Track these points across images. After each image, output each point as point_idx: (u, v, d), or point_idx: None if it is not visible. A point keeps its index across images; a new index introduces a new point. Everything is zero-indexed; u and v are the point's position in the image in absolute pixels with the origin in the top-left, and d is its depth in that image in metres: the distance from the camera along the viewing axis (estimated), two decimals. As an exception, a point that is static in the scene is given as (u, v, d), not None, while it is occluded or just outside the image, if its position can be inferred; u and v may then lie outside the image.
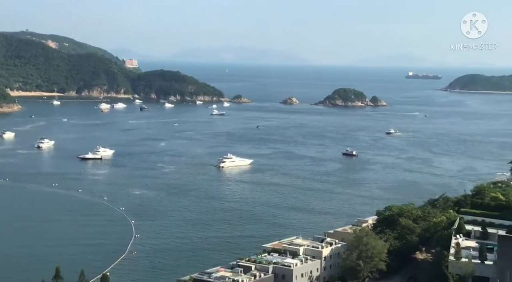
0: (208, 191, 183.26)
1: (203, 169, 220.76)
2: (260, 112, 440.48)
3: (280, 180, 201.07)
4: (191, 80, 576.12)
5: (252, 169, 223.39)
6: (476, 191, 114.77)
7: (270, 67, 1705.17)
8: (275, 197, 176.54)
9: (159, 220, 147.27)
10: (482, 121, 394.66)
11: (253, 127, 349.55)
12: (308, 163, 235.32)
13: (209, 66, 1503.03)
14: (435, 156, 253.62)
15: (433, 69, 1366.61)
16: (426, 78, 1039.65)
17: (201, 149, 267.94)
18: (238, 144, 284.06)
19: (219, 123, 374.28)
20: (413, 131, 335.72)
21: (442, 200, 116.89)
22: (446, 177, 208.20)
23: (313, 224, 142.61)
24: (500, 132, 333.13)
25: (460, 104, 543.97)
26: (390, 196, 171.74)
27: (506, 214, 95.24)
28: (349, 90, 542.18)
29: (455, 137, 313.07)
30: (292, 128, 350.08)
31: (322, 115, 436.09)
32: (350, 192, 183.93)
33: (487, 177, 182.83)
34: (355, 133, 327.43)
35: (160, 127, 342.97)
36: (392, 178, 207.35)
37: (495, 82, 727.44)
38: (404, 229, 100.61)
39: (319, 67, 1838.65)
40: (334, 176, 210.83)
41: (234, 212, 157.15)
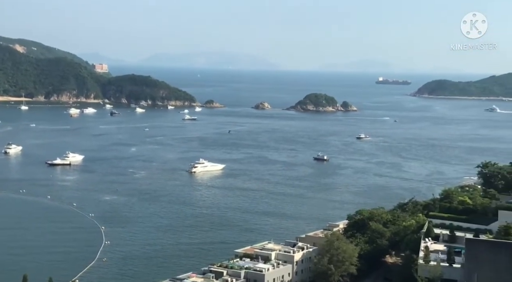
0: (179, 196, 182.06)
1: (175, 174, 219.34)
2: (232, 117, 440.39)
3: (252, 185, 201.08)
4: (163, 85, 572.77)
5: (224, 174, 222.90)
6: (444, 195, 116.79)
7: (241, 72, 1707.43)
8: (247, 202, 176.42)
9: (130, 226, 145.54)
10: (449, 126, 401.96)
11: (225, 132, 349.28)
12: (280, 168, 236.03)
13: (181, 71, 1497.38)
14: (404, 161, 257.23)
15: (403, 74, 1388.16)
16: (396, 84, 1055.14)
17: (172, 154, 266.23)
18: (210, 148, 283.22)
19: (191, 128, 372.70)
20: (383, 136, 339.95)
21: (412, 204, 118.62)
22: (415, 181, 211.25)
23: (285, 229, 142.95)
24: (467, 137, 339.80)
25: (428, 109, 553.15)
26: (360, 200, 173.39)
27: (473, 218, 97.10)
28: (320, 96, 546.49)
29: (424, 142, 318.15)
30: (264, 133, 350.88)
31: (293, 120, 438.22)
32: (321, 197, 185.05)
33: (455, 181, 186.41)
34: (326, 138, 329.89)
35: (131, 133, 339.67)
36: (363, 182, 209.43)
37: (462, 88, 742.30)
38: (374, 233, 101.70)
39: (290, 72, 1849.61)
40: (305, 180, 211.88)
41: (206, 217, 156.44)
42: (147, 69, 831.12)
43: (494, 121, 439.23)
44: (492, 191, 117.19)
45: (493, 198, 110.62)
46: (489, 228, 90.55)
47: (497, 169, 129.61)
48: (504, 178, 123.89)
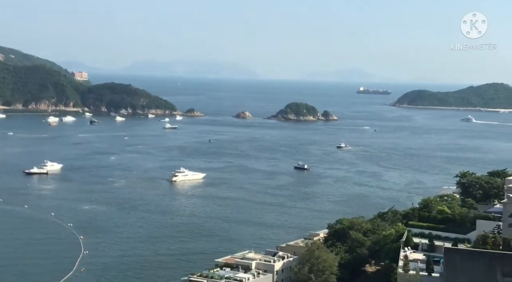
0: (159, 205, 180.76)
1: (155, 183, 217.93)
2: (213, 126, 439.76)
3: (232, 194, 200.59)
4: (143, 93, 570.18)
5: (205, 183, 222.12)
6: (423, 204, 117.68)
7: (222, 81, 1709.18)
8: (228, 211, 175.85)
9: (109, 236, 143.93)
10: (428, 136, 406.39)
11: (206, 141, 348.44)
12: (261, 177, 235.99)
13: (162, 79, 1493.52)
14: (384, 170, 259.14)
15: (384, 84, 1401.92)
16: (377, 94, 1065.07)
17: (152, 163, 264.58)
18: (191, 157, 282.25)
19: (172, 137, 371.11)
20: (363, 146, 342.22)
21: (391, 213, 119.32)
22: (394, 190, 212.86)
23: (266, 238, 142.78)
24: (445, 147, 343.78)
25: (408, 119, 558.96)
26: (341, 209, 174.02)
27: (451, 227, 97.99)
28: (301, 105, 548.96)
29: (403, 152, 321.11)
30: (245, 142, 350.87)
31: (275, 129, 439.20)
32: (302, 206, 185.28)
33: (434, 190, 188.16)
34: (307, 147, 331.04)
35: (110, 141, 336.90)
36: (343, 192, 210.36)
37: (440, 98, 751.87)
38: (355, 242, 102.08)
39: (272, 81, 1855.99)
40: (286, 189, 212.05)
41: (186, 227, 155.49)
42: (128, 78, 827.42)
43: (472, 131, 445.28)
44: (470, 200, 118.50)
45: (471, 207, 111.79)
46: (467, 237, 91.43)
47: (475, 179, 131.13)
48: (482, 188, 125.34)
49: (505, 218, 77.92)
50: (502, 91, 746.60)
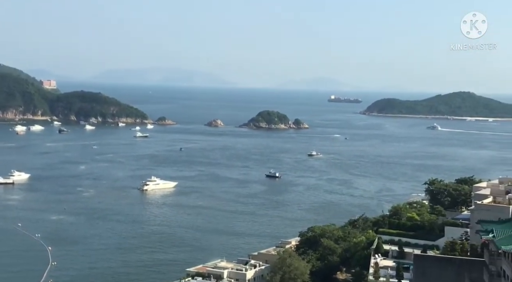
0: (130, 215, 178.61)
1: (126, 192, 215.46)
2: (185, 135, 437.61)
3: (204, 203, 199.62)
4: (113, 101, 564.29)
5: (176, 191, 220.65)
6: (393, 211, 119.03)
7: (194, 89, 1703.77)
8: (199, 219, 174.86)
9: (78, 246, 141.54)
10: (398, 144, 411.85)
11: (178, 149, 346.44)
12: (232, 185, 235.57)
13: (133, 87, 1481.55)
14: (354, 177, 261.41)
15: (354, 93, 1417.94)
16: (348, 102, 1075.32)
17: (123, 171, 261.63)
18: (162, 166, 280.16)
19: (143, 145, 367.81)
20: (334, 154, 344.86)
21: (362, 221, 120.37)
22: (365, 197, 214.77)
23: (237, 247, 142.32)
24: (414, 155, 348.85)
25: (377, 127, 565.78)
26: (312, 217, 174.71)
27: (421, 234, 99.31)
28: (273, 113, 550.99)
29: (373, 159, 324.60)
30: (217, 150, 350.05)
31: (246, 137, 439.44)
32: (273, 214, 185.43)
33: (403, 197, 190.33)
34: (278, 155, 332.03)
35: (79, 150, 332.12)
36: (314, 199, 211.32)
37: (409, 107, 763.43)
38: (326, 250, 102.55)
39: (244, 90, 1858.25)
40: (257, 197, 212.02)
41: (157, 236, 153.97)
42: (98, 86, 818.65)
43: (439, 139, 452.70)
44: (438, 207, 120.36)
45: (439, 214, 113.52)
46: (436, 243, 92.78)
47: (443, 186, 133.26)
48: (450, 195, 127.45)
49: (473, 224, 79.15)
50: (468, 100, 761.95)
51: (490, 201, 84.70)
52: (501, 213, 76.43)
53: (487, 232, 62.80)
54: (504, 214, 76.09)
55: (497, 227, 63.28)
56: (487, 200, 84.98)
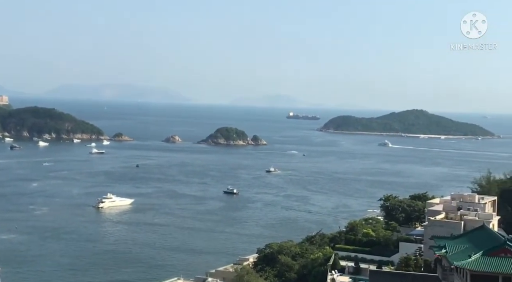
0: (84, 233, 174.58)
1: (80, 210, 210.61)
2: (142, 151, 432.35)
3: (161, 220, 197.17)
4: (68, 117, 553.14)
5: (132, 208, 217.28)
6: (349, 227, 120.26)
7: (150, 105, 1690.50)
8: (156, 237, 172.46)
9: (29, 267, 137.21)
10: (354, 160, 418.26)
11: (134, 166, 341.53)
12: (190, 202, 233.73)
13: (87, 103, 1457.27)
14: (311, 194, 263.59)
15: (313, 110, 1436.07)
16: (306, 119, 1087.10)
17: (78, 189, 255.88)
18: (119, 183, 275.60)
19: (98, 162, 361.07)
20: (291, 170, 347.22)
21: (319, 237, 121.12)
22: (322, 214, 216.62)
23: (195, 264, 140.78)
24: (370, 171, 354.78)
25: (334, 144, 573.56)
26: (270, 233, 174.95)
27: (376, 250, 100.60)
28: (231, 129, 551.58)
29: (330, 176, 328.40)
30: (175, 166, 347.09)
31: (204, 154, 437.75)
32: (231, 231, 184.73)
33: (359, 213, 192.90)
34: (236, 172, 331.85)
35: (32, 167, 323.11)
36: (272, 216, 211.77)
37: (365, 124, 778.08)
38: (283, 266, 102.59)
39: (203, 106, 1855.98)
40: (215, 214, 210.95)
41: (112, 254, 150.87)
42: (52, 102, 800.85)
43: (394, 156, 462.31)
44: (393, 223, 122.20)
45: (394, 230, 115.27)
46: (391, 259, 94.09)
47: (397, 202, 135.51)
48: (404, 211, 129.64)
49: (426, 240, 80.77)
50: (421, 118, 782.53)
51: (442, 217, 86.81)
52: (453, 228, 78.47)
53: (440, 247, 64.32)
54: (456, 229, 78.15)
55: (449, 243, 64.90)
56: (440, 216, 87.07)
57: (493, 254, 58.52)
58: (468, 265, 57.77)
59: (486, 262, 57.78)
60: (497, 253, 58.53)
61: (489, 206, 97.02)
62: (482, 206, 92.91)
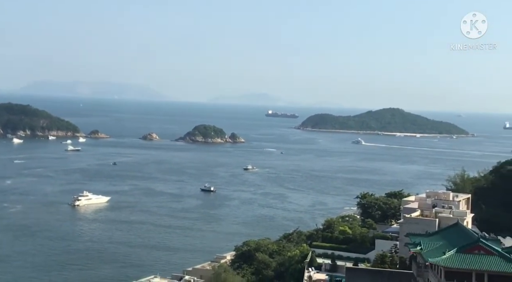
0: (59, 231, 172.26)
1: (55, 207, 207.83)
2: (119, 148, 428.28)
3: (138, 217, 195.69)
4: (43, 114, 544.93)
5: (109, 206, 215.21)
6: (326, 225, 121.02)
7: (127, 102, 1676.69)
8: (132, 235, 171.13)
9: (1, 265, 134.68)
10: (331, 158, 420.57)
11: (111, 163, 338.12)
12: (167, 200, 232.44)
13: (63, 100, 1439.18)
14: (289, 191, 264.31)
15: (291, 108, 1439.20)
16: (285, 117, 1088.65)
17: (53, 186, 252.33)
18: (95, 180, 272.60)
19: (74, 159, 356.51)
20: (269, 168, 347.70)
21: (296, 234, 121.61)
22: (299, 211, 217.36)
23: (172, 262, 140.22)
24: (346, 169, 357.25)
25: (312, 142, 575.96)
26: (247, 231, 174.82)
27: (352, 247, 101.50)
28: (209, 127, 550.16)
29: (307, 174, 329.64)
30: (152, 164, 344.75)
31: (182, 151, 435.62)
32: (208, 228, 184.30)
33: (336, 211, 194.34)
34: (214, 170, 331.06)
35: (6, 164, 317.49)
36: (250, 213, 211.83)
37: (342, 122, 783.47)
38: (261, 264, 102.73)
39: (181, 104, 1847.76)
40: (192, 212, 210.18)
41: (87, 253, 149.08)
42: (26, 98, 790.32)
43: (370, 154, 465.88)
44: (369, 221, 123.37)
45: (370, 228, 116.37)
46: (367, 256, 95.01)
47: (374, 200, 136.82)
48: (380, 208, 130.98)
49: (402, 237, 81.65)
50: (398, 116, 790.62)
51: (418, 214, 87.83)
52: (428, 226, 79.45)
53: (415, 244, 65.05)
54: (431, 227, 79.14)
55: (424, 240, 65.67)
56: (415, 214, 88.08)
57: (467, 251, 59.39)
58: (442, 262, 58.53)
59: (460, 259, 58.62)
60: (471, 250, 59.41)
61: (463, 203, 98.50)
62: (456, 203, 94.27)
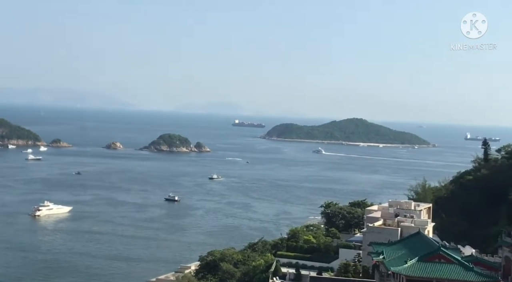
0: (18, 242, 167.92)
1: (15, 218, 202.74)
2: (82, 157, 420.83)
3: (100, 228, 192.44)
4: (2, 122, 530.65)
5: (71, 216, 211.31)
6: (291, 234, 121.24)
7: (90, 110, 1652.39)
8: (95, 246, 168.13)
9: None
10: (296, 168, 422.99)
11: (73, 173, 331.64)
12: (130, 209, 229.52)
13: (23, 108, 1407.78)
14: (254, 201, 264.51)
15: (258, 117, 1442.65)
16: (251, 127, 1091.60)
17: (12, 196, 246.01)
18: (56, 190, 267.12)
19: (35, 169, 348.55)
20: (234, 177, 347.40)
21: (261, 244, 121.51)
22: (264, 221, 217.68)
23: (134, 273, 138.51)
24: (311, 178, 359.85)
25: (277, 151, 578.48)
26: (212, 241, 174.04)
27: (316, 256, 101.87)
28: (174, 136, 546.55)
29: (272, 183, 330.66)
30: (115, 173, 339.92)
31: (147, 160, 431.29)
32: (172, 238, 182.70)
33: (301, 220, 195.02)
34: (179, 179, 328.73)
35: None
36: (214, 223, 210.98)
37: (307, 132, 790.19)
38: (225, 274, 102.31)
39: (145, 112, 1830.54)
40: (156, 222, 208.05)
41: (46, 264, 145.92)
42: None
43: (334, 163, 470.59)
44: (333, 230, 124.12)
45: (334, 237, 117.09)
46: (331, 265, 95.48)
47: (338, 209, 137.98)
48: (344, 217, 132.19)
49: (365, 246, 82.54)
50: (361, 126, 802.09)
51: (380, 224, 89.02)
52: (391, 235, 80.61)
53: (378, 253, 65.86)
54: (393, 236, 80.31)
55: (386, 249, 66.57)
56: (378, 223, 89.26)
57: (428, 259, 60.47)
58: (404, 270, 59.43)
59: (421, 267, 59.63)
60: (432, 259, 60.54)
61: (424, 212, 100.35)
62: (418, 212, 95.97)
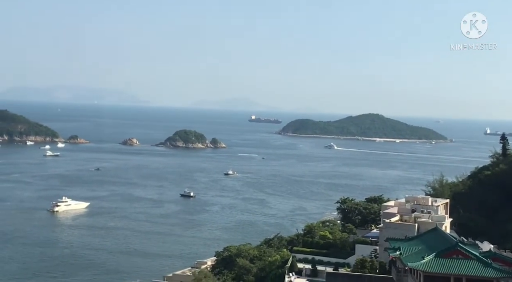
0: (37, 238, 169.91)
1: (34, 214, 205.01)
2: (98, 153, 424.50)
3: (117, 223, 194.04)
4: (21, 119, 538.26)
5: (88, 212, 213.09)
6: (307, 230, 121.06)
7: (107, 107, 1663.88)
8: (112, 241, 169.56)
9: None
10: (312, 164, 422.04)
11: (91, 169, 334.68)
12: (147, 205, 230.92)
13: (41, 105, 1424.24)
14: (270, 197, 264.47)
15: (274, 113, 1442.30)
16: (268, 122, 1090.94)
17: (31, 192, 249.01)
18: (74, 186, 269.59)
19: (53, 165, 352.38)
20: (250, 173, 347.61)
21: (277, 240, 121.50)
22: (280, 217, 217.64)
23: (152, 268, 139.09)
24: (327, 174, 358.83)
25: (293, 147, 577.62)
26: (228, 236, 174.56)
27: (333, 252, 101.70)
28: (190, 132, 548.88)
29: (288, 179, 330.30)
30: (132, 169, 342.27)
31: (163, 156, 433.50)
32: (188, 234, 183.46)
33: (317, 216, 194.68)
34: (194, 175, 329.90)
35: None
36: (230, 219, 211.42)
37: (322, 127, 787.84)
38: (241, 269, 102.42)
39: (161, 109, 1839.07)
40: (172, 217, 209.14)
41: (65, 259, 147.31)
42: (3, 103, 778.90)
43: (350, 159, 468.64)
44: (350, 226, 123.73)
45: (350, 233, 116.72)
46: (347, 261, 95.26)
47: (354, 205, 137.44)
48: (360, 213, 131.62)
49: (381, 242, 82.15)
50: (377, 122, 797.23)
51: (397, 219, 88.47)
52: (408, 231, 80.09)
53: (394, 249, 65.54)
54: (410, 231, 79.79)
55: (403, 245, 66.21)
56: (395, 218, 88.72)
57: (445, 255, 60.03)
58: (421, 266, 59.09)
59: (439, 263, 59.22)
60: (449, 255, 60.07)
61: (441, 208, 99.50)
62: (435, 208, 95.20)
